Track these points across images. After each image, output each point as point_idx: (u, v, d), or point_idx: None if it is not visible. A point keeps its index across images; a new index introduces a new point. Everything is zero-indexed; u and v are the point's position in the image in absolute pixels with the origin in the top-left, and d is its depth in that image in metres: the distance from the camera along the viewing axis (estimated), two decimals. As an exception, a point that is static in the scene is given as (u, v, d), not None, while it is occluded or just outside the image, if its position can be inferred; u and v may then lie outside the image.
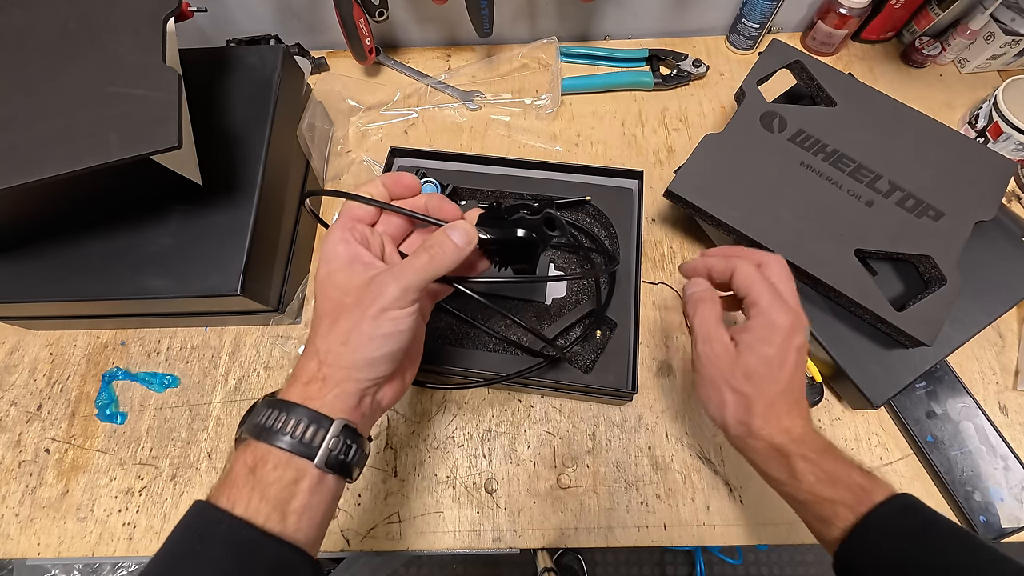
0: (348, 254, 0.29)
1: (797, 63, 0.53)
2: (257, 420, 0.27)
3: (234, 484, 0.26)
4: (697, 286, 0.38)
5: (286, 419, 0.26)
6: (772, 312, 0.34)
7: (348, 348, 0.28)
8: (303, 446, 0.26)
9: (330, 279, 0.29)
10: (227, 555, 0.24)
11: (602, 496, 0.47)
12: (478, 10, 0.59)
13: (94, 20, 0.42)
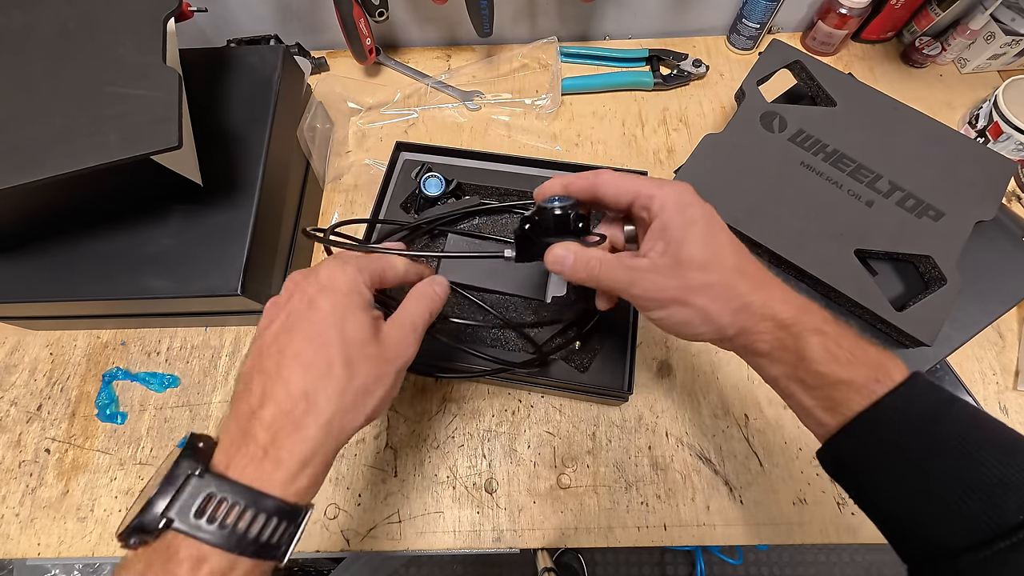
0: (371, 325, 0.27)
1: (797, 63, 0.53)
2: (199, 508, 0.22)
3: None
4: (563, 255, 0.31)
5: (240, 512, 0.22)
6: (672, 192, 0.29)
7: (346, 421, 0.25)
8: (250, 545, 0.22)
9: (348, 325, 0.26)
10: None
11: (602, 496, 0.47)
12: (478, 10, 0.59)
13: (94, 20, 0.42)
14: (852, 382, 0.26)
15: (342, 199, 0.62)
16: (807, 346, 0.27)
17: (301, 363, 0.25)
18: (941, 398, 0.26)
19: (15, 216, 0.46)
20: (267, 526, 0.22)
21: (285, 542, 0.23)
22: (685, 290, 0.28)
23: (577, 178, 0.32)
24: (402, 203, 0.53)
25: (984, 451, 0.24)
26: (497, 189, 0.54)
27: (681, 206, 0.29)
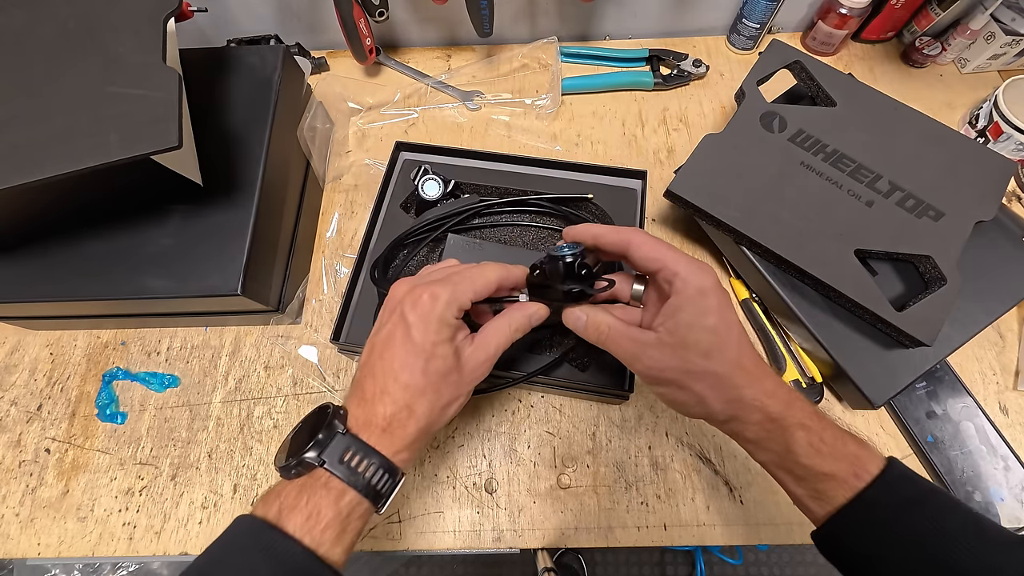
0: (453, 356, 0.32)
1: (797, 63, 0.53)
2: (341, 456, 0.29)
3: (296, 508, 0.27)
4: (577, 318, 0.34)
5: (367, 463, 0.29)
6: (693, 275, 0.31)
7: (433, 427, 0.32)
8: (371, 490, 0.29)
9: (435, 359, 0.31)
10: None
11: (602, 496, 0.47)
12: (478, 10, 0.59)
13: (94, 20, 0.42)
14: (835, 476, 0.29)
15: (342, 199, 0.62)
16: (793, 440, 0.30)
17: (401, 383, 0.31)
18: (914, 489, 0.29)
19: (15, 216, 0.46)
20: (381, 478, 0.29)
21: (386, 493, 0.30)
22: (685, 373, 0.31)
23: (610, 232, 0.34)
24: (402, 203, 0.53)
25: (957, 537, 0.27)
26: (497, 189, 0.54)
27: (700, 292, 0.31)
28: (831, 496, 0.29)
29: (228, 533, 0.28)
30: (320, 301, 0.56)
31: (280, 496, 0.28)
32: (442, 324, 0.31)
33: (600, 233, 0.34)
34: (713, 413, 0.31)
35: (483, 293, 0.33)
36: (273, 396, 0.52)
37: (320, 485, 0.28)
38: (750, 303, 0.53)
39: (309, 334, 0.55)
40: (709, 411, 0.31)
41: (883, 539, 0.27)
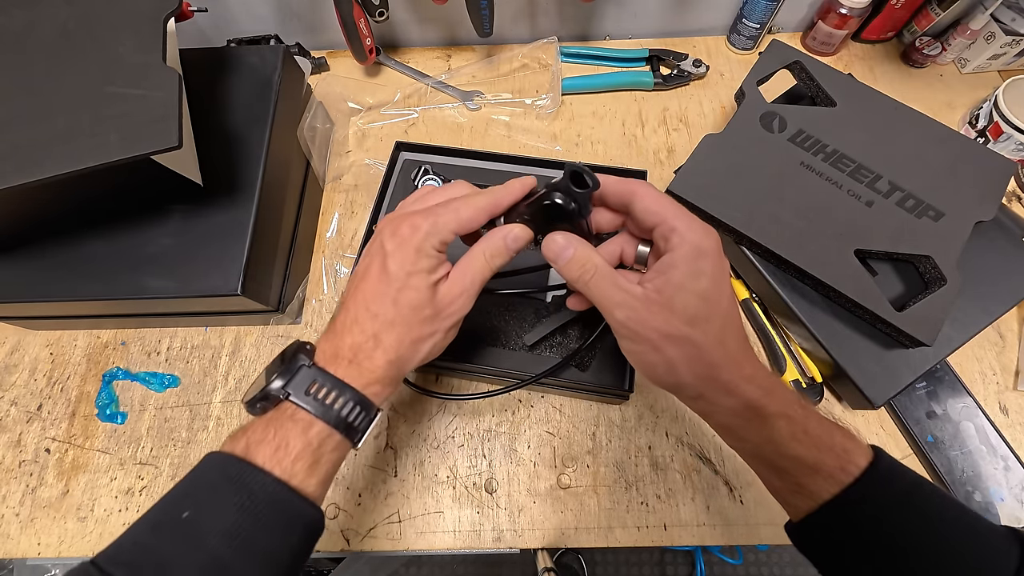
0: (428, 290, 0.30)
1: (797, 63, 0.53)
2: (307, 388, 0.28)
3: (263, 441, 0.27)
4: (564, 247, 0.31)
5: (336, 396, 0.28)
6: (694, 234, 0.28)
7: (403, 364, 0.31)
8: (341, 421, 0.28)
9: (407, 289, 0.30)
10: (270, 510, 0.25)
11: (602, 496, 0.47)
12: (478, 10, 0.59)
13: (94, 20, 0.42)
14: (820, 469, 0.27)
15: (342, 199, 0.62)
16: (774, 430, 0.28)
17: (371, 312, 0.30)
18: (903, 483, 0.27)
19: (16, 216, 0.46)
20: (352, 410, 0.28)
21: (362, 428, 0.29)
22: (663, 335, 0.28)
23: (616, 182, 0.32)
24: (402, 203, 0.53)
25: (947, 534, 0.26)
26: None
27: (696, 252, 0.28)
28: (815, 491, 0.27)
29: (195, 471, 0.27)
30: (320, 301, 0.56)
31: (247, 432, 0.28)
32: (419, 255, 0.30)
33: (606, 182, 0.31)
34: (682, 385, 0.29)
35: (468, 225, 0.31)
36: (273, 396, 0.52)
37: (286, 418, 0.28)
38: (750, 303, 0.53)
39: (309, 334, 0.55)
40: (679, 381, 0.29)
41: (871, 535, 0.26)
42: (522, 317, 0.49)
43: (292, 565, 0.27)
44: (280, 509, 0.26)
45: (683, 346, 0.28)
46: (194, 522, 0.24)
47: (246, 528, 0.25)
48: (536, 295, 0.50)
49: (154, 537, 0.25)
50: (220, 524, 0.24)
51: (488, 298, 0.50)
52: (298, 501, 0.26)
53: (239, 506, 0.25)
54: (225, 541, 0.24)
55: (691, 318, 0.28)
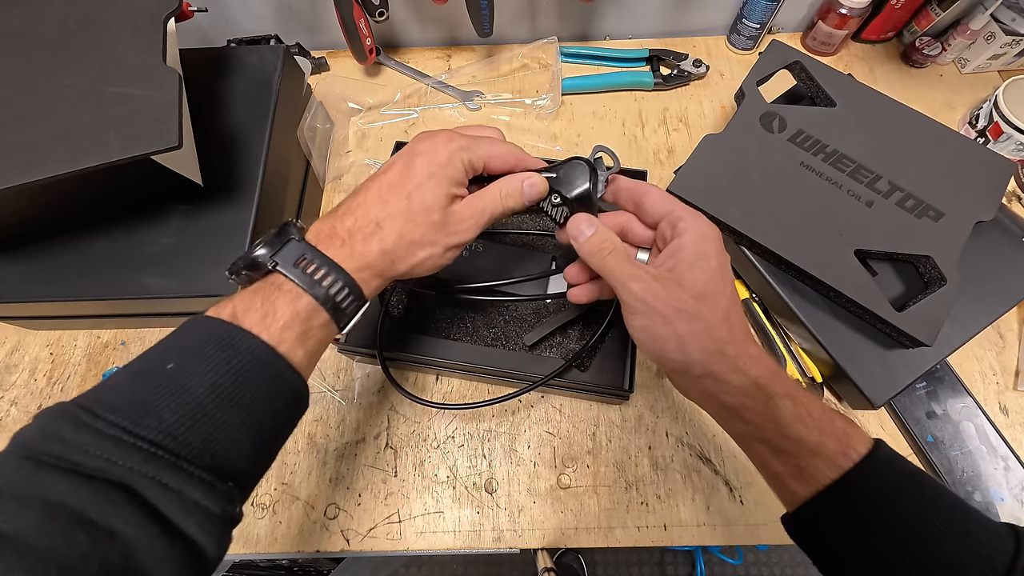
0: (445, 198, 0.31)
1: (797, 64, 0.53)
2: (296, 261, 0.28)
3: (251, 309, 0.26)
4: (588, 226, 0.33)
5: (324, 273, 0.28)
6: (699, 222, 0.31)
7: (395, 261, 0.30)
8: (329, 300, 0.28)
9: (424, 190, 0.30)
10: (257, 370, 0.25)
11: (602, 496, 0.47)
12: (478, 10, 0.59)
13: (94, 20, 0.42)
14: (821, 452, 0.27)
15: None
16: (778, 410, 0.28)
17: (382, 199, 0.30)
18: (902, 471, 0.27)
19: (15, 216, 0.46)
20: (341, 290, 0.28)
21: (349, 312, 0.29)
22: (674, 309, 0.29)
23: (628, 181, 0.35)
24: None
25: (944, 524, 0.25)
26: None
27: (702, 237, 0.31)
28: (814, 474, 0.27)
29: (177, 331, 0.26)
30: (320, 301, 0.56)
31: (232, 301, 0.27)
32: (448, 165, 0.31)
33: (620, 180, 0.35)
34: (691, 361, 0.29)
35: (499, 161, 0.33)
36: (273, 396, 0.52)
37: (274, 288, 0.27)
38: (750, 303, 0.53)
39: (309, 334, 0.54)
40: (688, 357, 0.29)
41: (868, 522, 0.26)
42: (522, 317, 0.49)
43: (275, 431, 0.27)
44: (267, 372, 0.25)
45: (692, 321, 0.29)
46: (179, 374, 0.23)
47: (231, 384, 0.24)
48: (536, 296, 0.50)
49: (136, 383, 0.24)
50: (205, 378, 0.23)
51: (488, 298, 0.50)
52: (285, 367, 0.26)
53: (226, 363, 0.24)
54: (210, 392, 0.23)
55: (700, 294, 0.29)
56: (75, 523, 0.19)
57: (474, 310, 0.50)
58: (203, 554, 0.23)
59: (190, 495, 0.22)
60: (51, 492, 0.20)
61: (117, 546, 0.20)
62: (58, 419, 0.22)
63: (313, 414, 0.51)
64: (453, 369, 0.50)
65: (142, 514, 0.21)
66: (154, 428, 0.22)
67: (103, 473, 0.20)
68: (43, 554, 0.18)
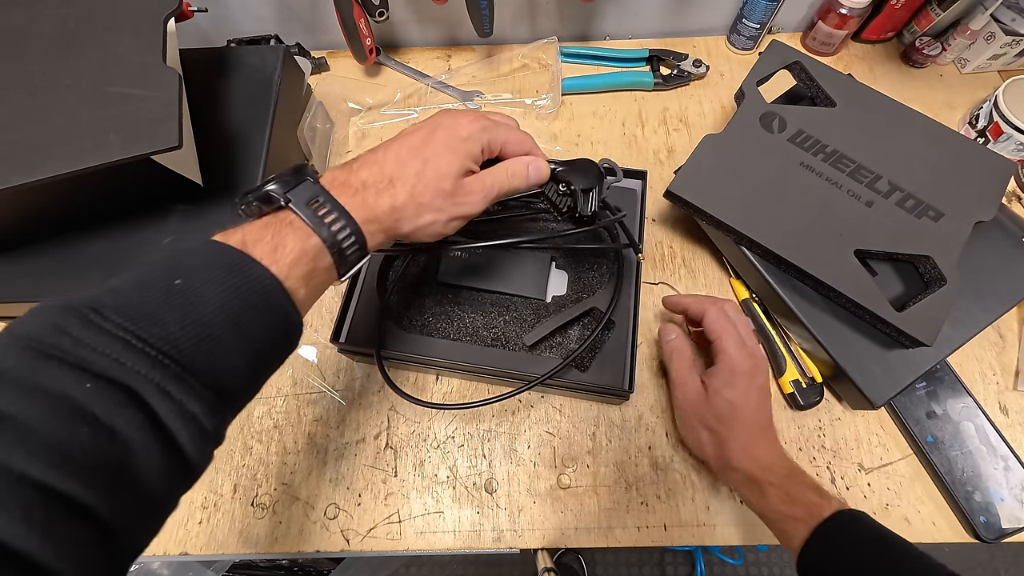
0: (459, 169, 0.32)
1: (796, 64, 0.53)
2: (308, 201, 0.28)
3: (261, 240, 0.26)
4: (671, 334, 0.46)
5: (335, 218, 0.28)
6: (735, 359, 0.41)
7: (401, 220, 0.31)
8: (336, 245, 0.28)
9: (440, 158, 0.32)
10: (263, 300, 0.25)
11: (602, 496, 0.47)
12: (478, 10, 0.59)
13: (94, 20, 0.42)
14: (796, 518, 0.37)
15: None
16: (766, 495, 0.38)
17: (399, 160, 0.31)
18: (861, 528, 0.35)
19: (15, 216, 0.46)
20: (347, 238, 0.29)
21: (351, 260, 0.30)
22: (698, 420, 0.43)
23: (694, 302, 0.46)
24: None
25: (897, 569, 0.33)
26: None
27: (732, 371, 0.41)
28: (795, 534, 0.36)
29: (186, 251, 0.26)
30: (320, 301, 0.56)
31: (242, 229, 0.27)
32: (467, 142, 0.33)
33: (687, 304, 0.47)
34: (708, 460, 0.43)
35: (515, 145, 0.36)
36: (273, 396, 0.52)
37: (285, 224, 0.27)
38: (750, 303, 0.53)
39: (309, 334, 0.55)
40: (705, 457, 0.43)
41: (840, 564, 0.34)
42: (522, 317, 0.49)
43: (269, 364, 0.27)
44: (271, 304, 0.25)
45: (711, 434, 0.42)
46: (187, 291, 0.23)
47: (238, 310, 0.24)
48: (535, 296, 0.50)
49: (143, 294, 0.23)
50: (213, 299, 0.23)
51: (488, 298, 0.50)
52: (288, 303, 0.26)
53: (235, 289, 0.24)
54: (217, 313, 0.23)
55: (720, 416, 0.41)
56: (78, 416, 0.19)
57: (474, 310, 0.50)
58: (190, 468, 0.23)
59: (190, 408, 0.22)
60: (56, 384, 0.19)
61: (117, 445, 0.20)
62: (64, 314, 0.21)
63: (313, 414, 0.51)
64: (453, 369, 0.50)
65: (143, 418, 0.21)
66: (161, 338, 0.22)
67: (109, 373, 0.20)
68: (45, 439, 0.18)
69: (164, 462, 0.21)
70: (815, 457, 0.48)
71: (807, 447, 0.48)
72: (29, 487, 0.18)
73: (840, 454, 0.48)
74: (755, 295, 0.53)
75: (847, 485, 0.47)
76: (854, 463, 0.48)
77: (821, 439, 0.48)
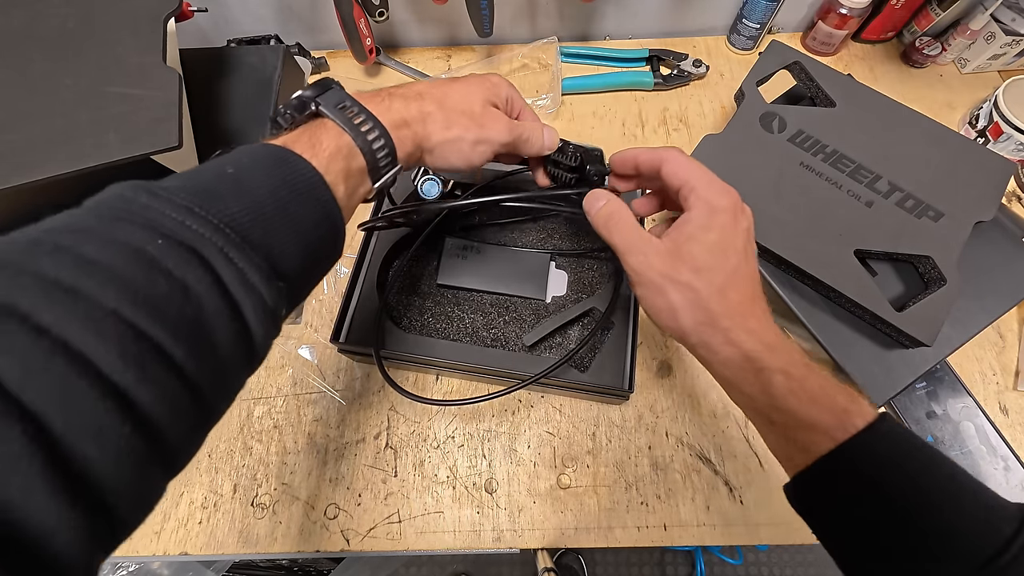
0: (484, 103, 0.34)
1: (796, 64, 0.53)
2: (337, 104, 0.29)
3: (299, 141, 0.27)
4: (599, 200, 0.34)
5: (363, 120, 0.29)
6: (710, 193, 0.31)
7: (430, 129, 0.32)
8: (368, 147, 0.29)
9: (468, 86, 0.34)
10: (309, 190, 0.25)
11: (602, 496, 0.47)
12: (478, 10, 0.59)
13: (94, 20, 0.42)
14: (816, 426, 0.27)
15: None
16: (771, 384, 0.28)
17: (428, 85, 0.33)
18: (902, 445, 0.27)
19: (15, 216, 0.46)
20: (377, 139, 0.29)
21: (383, 162, 0.29)
22: (667, 279, 0.30)
23: (647, 152, 0.35)
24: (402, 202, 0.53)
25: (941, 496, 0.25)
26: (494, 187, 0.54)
27: (710, 209, 0.30)
28: (809, 446, 0.27)
29: (230, 152, 0.26)
30: (320, 301, 0.56)
31: (280, 137, 0.28)
32: (495, 87, 0.35)
33: (638, 155, 0.35)
34: (684, 329, 0.30)
35: (529, 117, 0.38)
36: (273, 396, 0.52)
37: (318, 126, 0.28)
38: (750, 303, 0.53)
39: (309, 334, 0.55)
40: (680, 326, 0.30)
41: (863, 492, 0.26)
42: (521, 318, 0.49)
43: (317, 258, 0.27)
44: (317, 197, 0.26)
45: (684, 291, 0.30)
46: (240, 177, 0.24)
47: (287, 197, 0.24)
48: (535, 297, 0.50)
49: (197, 179, 0.24)
50: (264, 184, 0.24)
51: (488, 299, 0.50)
52: (330, 197, 0.26)
53: (282, 177, 0.25)
54: (269, 196, 0.24)
55: (696, 267, 0.29)
56: (154, 268, 0.19)
57: (474, 311, 0.50)
58: (253, 344, 0.23)
59: (251, 277, 0.22)
60: (131, 238, 0.20)
61: (191, 301, 0.20)
62: (131, 187, 0.22)
63: (313, 414, 0.51)
64: (453, 369, 0.50)
65: (211, 279, 0.21)
66: (220, 210, 0.22)
67: (177, 234, 0.20)
68: (130, 283, 0.18)
69: (233, 330, 0.21)
70: (815, 457, 0.48)
71: (807, 447, 0.48)
72: (124, 324, 0.18)
73: (840, 454, 0.48)
74: (755, 295, 0.53)
75: (847, 485, 0.47)
76: (854, 463, 0.48)
77: (821, 439, 0.49)
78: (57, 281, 0.17)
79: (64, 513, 0.15)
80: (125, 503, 0.17)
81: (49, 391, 0.16)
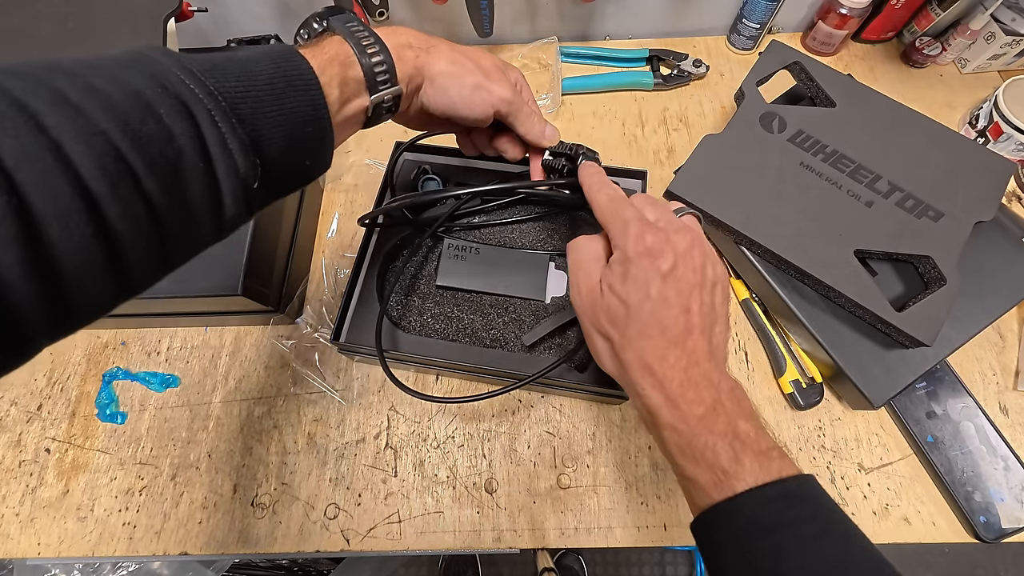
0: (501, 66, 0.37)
1: (796, 64, 0.53)
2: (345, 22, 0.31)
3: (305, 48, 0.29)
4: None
5: (366, 35, 0.30)
6: (624, 241, 0.30)
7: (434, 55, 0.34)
8: (367, 61, 0.30)
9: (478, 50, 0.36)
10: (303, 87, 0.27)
11: (602, 496, 0.47)
12: (478, 10, 0.59)
13: (94, 20, 0.42)
14: (696, 482, 0.28)
15: (342, 199, 0.62)
16: (662, 439, 0.29)
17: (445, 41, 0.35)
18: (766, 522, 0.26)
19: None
20: (376, 53, 0.30)
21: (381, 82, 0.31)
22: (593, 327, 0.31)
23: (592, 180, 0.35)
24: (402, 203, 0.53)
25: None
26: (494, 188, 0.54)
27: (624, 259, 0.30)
28: (695, 500, 0.28)
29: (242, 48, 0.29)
30: (320, 301, 0.56)
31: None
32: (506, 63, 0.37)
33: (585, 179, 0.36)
34: (611, 373, 0.31)
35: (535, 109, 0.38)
36: (273, 396, 0.52)
37: (326, 38, 0.30)
38: (750, 303, 0.53)
39: (309, 334, 0.55)
40: (608, 369, 0.31)
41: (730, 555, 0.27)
42: (520, 319, 0.49)
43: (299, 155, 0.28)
44: (309, 95, 0.27)
45: (604, 340, 0.31)
46: (243, 62, 0.26)
47: (283, 88, 0.26)
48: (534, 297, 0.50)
49: (209, 55, 0.26)
50: (266, 71, 0.26)
51: (487, 299, 0.50)
52: (321, 97, 0.28)
53: (283, 71, 0.27)
54: (267, 83, 0.26)
55: (612, 318, 0.30)
56: (148, 110, 0.21)
57: (473, 312, 0.50)
58: (221, 208, 0.25)
59: (230, 143, 0.24)
60: (135, 81, 0.22)
61: (173, 147, 0.22)
62: (149, 48, 0.24)
63: (313, 414, 0.51)
64: (452, 369, 0.50)
65: (194, 133, 0.23)
66: (219, 81, 0.24)
67: (175, 88, 0.22)
68: (124, 115, 0.20)
69: (204, 184, 0.23)
70: (815, 457, 0.48)
71: (807, 447, 0.48)
72: (109, 144, 0.20)
73: (840, 454, 0.48)
74: (755, 295, 0.53)
75: (847, 485, 0.47)
76: (854, 463, 0.48)
77: (821, 439, 0.49)
78: (66, 96, 0.20)
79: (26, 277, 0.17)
80: (77, 297, 0.20)
81: (36, 177, 0.18)
